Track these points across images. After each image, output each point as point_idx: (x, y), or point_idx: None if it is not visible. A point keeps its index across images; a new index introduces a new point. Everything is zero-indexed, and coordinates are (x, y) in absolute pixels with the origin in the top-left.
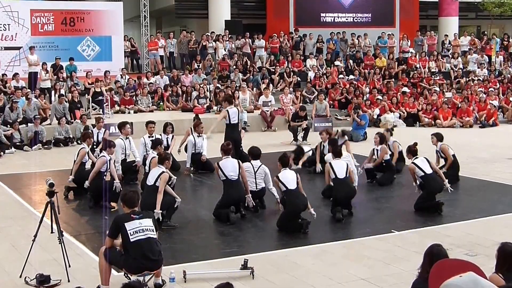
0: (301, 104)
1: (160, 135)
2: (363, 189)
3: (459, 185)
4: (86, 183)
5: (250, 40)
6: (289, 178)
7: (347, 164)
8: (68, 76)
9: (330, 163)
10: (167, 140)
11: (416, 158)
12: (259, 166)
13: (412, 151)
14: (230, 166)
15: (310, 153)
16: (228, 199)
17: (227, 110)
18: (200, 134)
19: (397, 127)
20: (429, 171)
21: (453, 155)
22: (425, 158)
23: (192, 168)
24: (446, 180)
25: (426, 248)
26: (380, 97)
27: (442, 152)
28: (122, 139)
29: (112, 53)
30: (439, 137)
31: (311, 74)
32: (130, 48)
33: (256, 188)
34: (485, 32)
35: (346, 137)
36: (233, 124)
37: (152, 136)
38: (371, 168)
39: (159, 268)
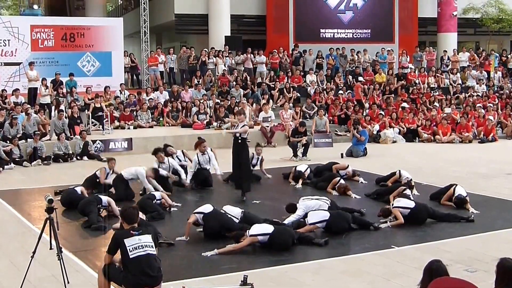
0: (301, 119)
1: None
2: (363, 205)
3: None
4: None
5: (251, 55)
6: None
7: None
8: (68, 92)
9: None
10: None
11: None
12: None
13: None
14: None
15: (308, 171)
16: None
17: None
18: (204, 153)
19: (396, 142)
20: (412, 204)
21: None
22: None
23: (192, 183)
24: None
25: (425, 264)
26: (382, 112)
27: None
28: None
29: (112, 69)
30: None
31: (310, 90)
32: (130, 64)
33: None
34: (482, 48)
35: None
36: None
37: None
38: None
39: (159, 285)
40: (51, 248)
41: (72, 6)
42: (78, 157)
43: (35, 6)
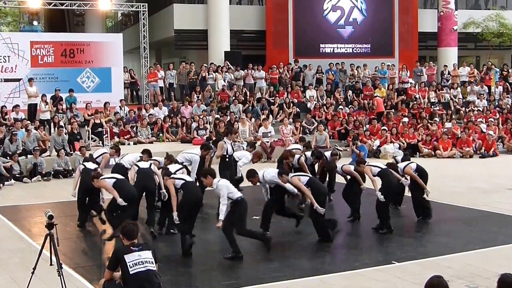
0: (300, 135)
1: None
2: (363, 220)
3: (459, 216)
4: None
5: (252, 71)
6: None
7: None
8: (68, 108)
9: None
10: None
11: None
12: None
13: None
14: None
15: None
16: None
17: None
18: None
19: (396, 157)
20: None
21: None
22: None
23: None
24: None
25: (426, 280)
26: (385, 128)
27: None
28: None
29: (112, 85)
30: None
31: (310, 105)
32: (130, 80)
33: None
34: (483, 63)
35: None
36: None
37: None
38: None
39: None
40: (51, 264)
41: (72, 22)
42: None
43: (35, 22)
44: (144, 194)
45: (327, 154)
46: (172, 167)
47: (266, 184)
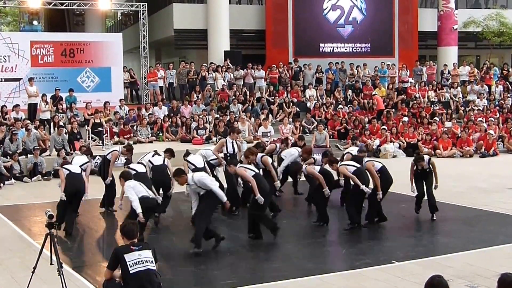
0: (300, 134)
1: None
2: (363, 220)
3: (459, 215)
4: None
5: (252, 70)
6: None
7: None
8: (68, 107)
9: None
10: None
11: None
12: None
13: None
14: None
15: None
16: None
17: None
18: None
19: (396, 157)
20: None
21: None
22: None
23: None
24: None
25: (426, 279)
26: (385, 127)
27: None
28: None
29: (112, 84)
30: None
31: (310, 104)
32: (130, 79)
33: None
34: (485, 63)
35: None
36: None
37: None
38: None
39: None
40: (51, 264)
41: (72, 22)
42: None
43: (35, 22)
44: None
45: (317, 157)
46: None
47: (197, 188)
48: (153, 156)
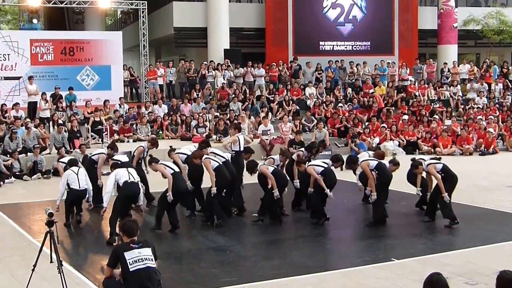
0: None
1: None
2: (362, 217)
3: (459, 213)
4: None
5: (251, 68)
6: None
7: None
8: (68, 106)
9: None
10: None
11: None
12: None
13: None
14: None
15: None
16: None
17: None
18: None
19: (396, 155)
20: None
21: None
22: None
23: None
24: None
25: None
26: (385, 125)
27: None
28: None
29: (112, 82)
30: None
31: (310, 103)
32: (129, 77)
33: None
34: (483, 61)
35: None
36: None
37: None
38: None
39: None
40: (51, 262)
41: (71, 20)
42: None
43: (35, 21)
44: None
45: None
46: None
47: None
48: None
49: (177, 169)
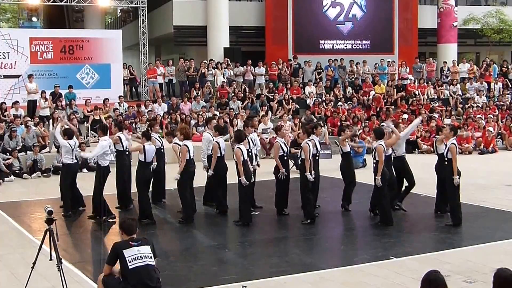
0: (299, 131)
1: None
2: (362, 215)
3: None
4: None
5: (252, 67)
6: None
7: None
8: (67, 104)
9: None
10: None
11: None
12: None
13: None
14: None
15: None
16: None
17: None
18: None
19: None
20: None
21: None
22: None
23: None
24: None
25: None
26: (384, 124)
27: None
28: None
29: (111, 81)
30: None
31: (309, 101)
32: (129, 76)
33: None
34: (483, 59)
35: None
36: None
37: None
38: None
39: None
40: (51, 259)
41: (71, 18)
42: (78, 170)
43: (34, 19)
44: None
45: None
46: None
47: None
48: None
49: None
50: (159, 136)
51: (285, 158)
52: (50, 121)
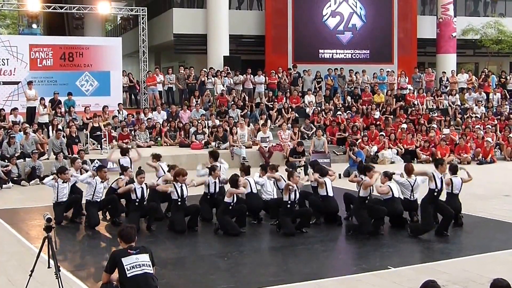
0: (299, 140)
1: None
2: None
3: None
4: None
5: (251, 76)
6: None
7: None
8: (67, 111)
9: None
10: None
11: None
12: None
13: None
14: None
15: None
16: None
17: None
18: None
19: (394, 163)
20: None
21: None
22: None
23: None
24: None
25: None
26: (383, 133)
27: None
28: None
29: (111, 88)
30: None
31: (309, 110)
32: (129, 83)
33: None
34: (481, 70)
35: None
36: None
37: None
38: None
39: None
40: (49, 267)
41: (71, 26)
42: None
43: (34, 26)
44: None
45: None
46: None
47: None
48: None
49: None
50: None
51: (288, 206)
52: (49, 128)
